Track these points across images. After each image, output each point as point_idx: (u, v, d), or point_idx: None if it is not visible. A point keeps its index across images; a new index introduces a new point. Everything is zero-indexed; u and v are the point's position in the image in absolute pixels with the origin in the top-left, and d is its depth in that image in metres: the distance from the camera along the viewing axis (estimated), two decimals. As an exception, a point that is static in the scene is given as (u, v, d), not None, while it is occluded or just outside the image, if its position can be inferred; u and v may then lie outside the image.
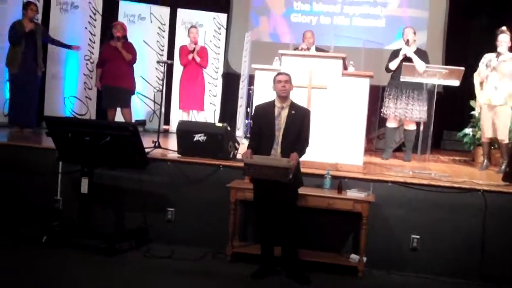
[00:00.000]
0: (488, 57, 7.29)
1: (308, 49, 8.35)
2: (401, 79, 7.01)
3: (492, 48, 7.30)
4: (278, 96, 5.31)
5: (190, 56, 8.91)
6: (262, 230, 5.39)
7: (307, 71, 6.15)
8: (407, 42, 7.76)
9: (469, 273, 5.66)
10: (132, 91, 8.61)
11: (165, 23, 10.37)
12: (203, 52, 9.08)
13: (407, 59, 7.60)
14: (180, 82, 9.20)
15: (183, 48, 9.10)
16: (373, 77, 6.48)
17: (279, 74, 5.39)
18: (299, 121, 5.25)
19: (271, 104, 5.35)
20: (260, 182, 5.22)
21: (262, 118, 5.32)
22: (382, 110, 7.81)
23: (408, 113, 7.75)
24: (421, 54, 7.70)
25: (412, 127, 7.95)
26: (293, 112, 5.27)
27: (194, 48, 8.93)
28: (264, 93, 6.34)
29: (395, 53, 7.87)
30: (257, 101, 6.41)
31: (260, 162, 5.09)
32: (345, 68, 6.48)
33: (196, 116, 9.42)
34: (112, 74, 8.31)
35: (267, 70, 6.52)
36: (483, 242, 5.66)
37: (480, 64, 7.34)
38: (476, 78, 7.37)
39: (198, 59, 8.91)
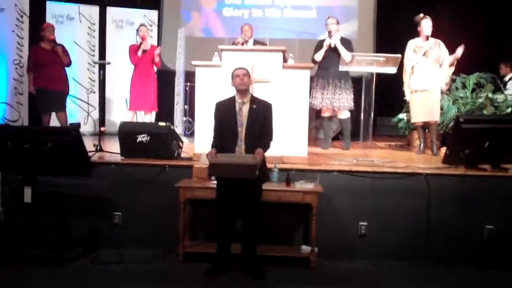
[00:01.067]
0: (413, 43, 7.53)
1: (245, 42, 8.36)
2: (340, 69, 7.11)
3: (417, 34, 7.53)
4: (238, 91, 5.27)
5: (139, 53, 8.64)
6: (221, 228, 5.32)
7: (249, 65, 6.14)
8: (329, 33, 7.87)
9: (416, 256, 5.81)
10: (67, 93, 8.38)
11: (94, 22, 10.19)
12: (156, 51, 8.84)
13: (333, 49, 7.73)
14: (131, 82, 8.88)
15: (132, 47, 8.81)
16: (313, 68, 6.55)
17: (236, 69, 5.34)
18: (262, 115, 5.22)
19: (232, 100, 5.30)
20: (225, 180, 5.17)
21: (223, 114, 5.26)
22: (310, 100, 7.92)
23: (336, 102, 7.88)
24: (345, 43, 7.84)
25: (346, 115, 8.09)
26: (254, 106, 5.23)
27: (141, 44, 8.70)
28: (206, 89, 6.32)
29: (320, 44, 7.98)
30: (200, 97, 6.39)
31: (226, 161, 5.04)
32: (285, 60, 6.52)
33: (141, 118, 9.24)
34: (47, 77, 8.04)
35: (207, 66, 6.49)
36: (429, 225, 5.83)
37: (408, 50, 7.55)
38: (408, 64, 7.57)
39: (157, 58, 8.71)
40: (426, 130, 7.94)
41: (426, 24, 7.42)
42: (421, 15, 7.49)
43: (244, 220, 5.31)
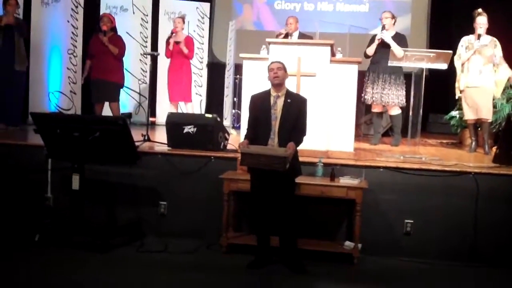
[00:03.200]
0: (466, 40, 7.38)
1: (288, 34, 8.31)
2: (389, 64, 7.00)
3: (472, 30, 7.36)
4: (272, 85, 5.28)
5: (170, 47, 8.74)
6: (258, 221, 5.36)
7: (296, 58, 6.12)
8: (383, 27, 7.77)
9: (462, 256, 5.71)
10: (121, 84, 8.52)
11: (147, 13, 10.28)
12: (188, 43, 8.89)
13: (385, 44, 7.62)
14: (167, 74, 9.06)
15: (167, 41, 8.94)
16: (362, 62, 6.48)
17: (272, 62, 5.34)
18: (296, 109, 5.21)
19: (267, 93, 5.30)
20: (257, 172, 5.18)
21: (258, 107, 5.27)
22: (362, 95, 7.83)
23: (385, 98, 7.78)
24: (400, 38, 7.72)
25: (396, 111, 7.97)
26: (289, 100, 5.23)
27: (170, 37, 8.75)
28: (252, 82, 6.32)
29: (373, 39, 7.90)
30: (246, 90, 6.40)
31: (257, 151, 5.05)
32: (333, 54, 6.46)
33: (183, 108, 9.33)
34: (100, 68, 8.21)
35: (254, 59, 6.49)
36: (475, 224, 5.70)
37: (460, 47, 7.40)
38: (457, 61, 7.43)
39: (185, 50, 8.76)
40: (479, 129, 7.76)
41: (480, 22, 7.23)
42: (479, 10, 7.29)
43: (279, 214, 5.30)
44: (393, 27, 7.88)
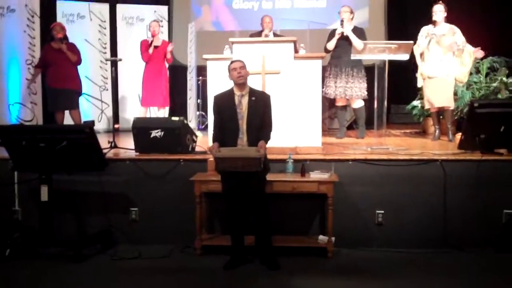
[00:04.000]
0: (426, 30, 7.50)
1: (262, 33, 8.34)
2: (352, 58, 7.07)
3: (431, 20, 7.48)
4: (236, 84, 5.27)
5: (150, 50, 8.71)
6: (232, 221, 5.36)
7: (260, 57, 6.13)
8: (341, 22, 7.83)
9: (434, 242, 5.80)
10: (79, 92, 8.41)
11: (105, 20, 10.18)
12: (167, 47, 8.85)
13: (345, 38, 7.69)
14: (143, 79, 8.95)
15: (143, 43, 8.88)
16: (324, 57, 6.52)
17: (232, 62, 5.35)
18: (261, 106, 5.23)
19: (230, 93, 5.30)
20: (228, 174, 5.18)
21: (223, 108, 5.27)
22: (323, 90, 7.88)
23: (348, 91, 7.86)
24: (359, 32, 7.81)
25: (360, 104, 8.06)
26: (253, 98, 5.24)
27: (152, 41, 8.74)
28: (218, 83, 6.31)
29: (332, 33, 7.96)
30: (212, 91, 6.37)
31: (230, 155, 5.04)
32: (296, 51, 6.49)
33: (155, 113, 9.26)
34: (57, 76, 8.06)
35: (218, 59, 6.48)
36: (445, 211, 5.81)
37: (419, 37, 7.52)
38: (416, 50, 7.53)
39: (169, 55, 8.75)
40: (441, 117, 7.88)
41: (436, 9, 7.37)
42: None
43: (253, 212, 5.31)
44: (352, 21, 7.96)
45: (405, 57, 6.56)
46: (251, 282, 5.06)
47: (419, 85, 7.82)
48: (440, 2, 7.42)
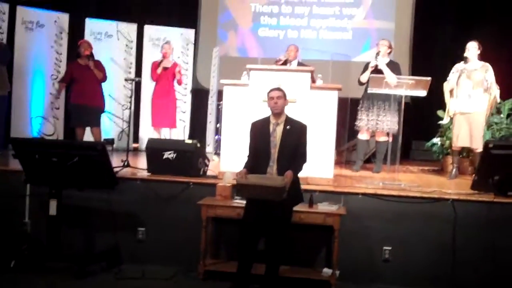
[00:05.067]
0: (457, 66, 7.40)
1: (287, 61, 8.36)
2: (369, 91, 7.05)
3: (459, 57, 7.41)
4: (272, 113, 5.28)
5: (159, 70, 8.84)
6: (244, 247, 5.23)
7: (276, 85, 6.13)
8: (377, 54, 7.79)
9: (441, 283, 5.70)
10: (102, 109, 8.52)
11: (132, 40, 10.31)
12: (180, 70, 9.00)
13: (378, 71, 7.65)
14: (152, 99, 9.11)
15: (153, 64, 9.02)
16: (341, 89, 6.51)
17: (271, 90, 5.35)
18: (295, 136, 5.21)
19: (266, 120, 5.30)
20: (254, 200, 5.12)
21: (258, 135, 5.26)
22: (356, 123, 7.83)
23: (380, 125, 7.78)
24: (394, 66, 7.72)
25: (384, 138, 7.96)
26: (288, 127, 5.22)
27: (161, 61, 8.86)
28: (233, 108, 6.34)
29: (367, 66, 7.90)
30: (226, 116, 6.42)
31: (254, 182, 5.01)
32: (313, 81, 6.50)
33: (167, 134, 9.33)
34: (82, 93, 8.20)
35: (235, 85, 6.51)
36: (454, 251, 5.70)
37: (451, 73, 7.43)
38: (446, 86, 7.46)
39: (178, 76, 8.89)
40: (460, 156, 7.79)
41: (470, 46, 7.28)
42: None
43: (269, 240, 5.24)
44: (388, 55, 7.91)
45: (422, 93, 6.52)
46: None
47: (444, 122, 7.74)
48: (474, 40, 7.36)
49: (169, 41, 9.29)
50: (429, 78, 6.61)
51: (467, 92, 7.30)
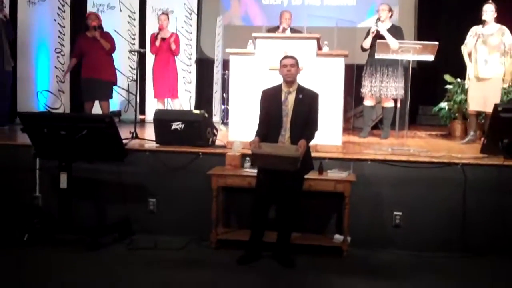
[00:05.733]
0: (474, 29, 7.31)
1: (284, 29, 8.30)
2: (376, 57, 7.00)
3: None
4: (284, 81, 5.25)
5: (157, 43, 8.77)
6: (257, 215, 5.28)
7: (282, 53, 6.09)
8: (378, 19, 7.75)
9: (451, 246, 5.71)
10: (114, 82, 8.53)
11: (135, 11, 10.25)
12: (176, 39, 8.90)
13: (380, 36, 7.60)
14: (152, 71, 9.09)
15: (152, 37, 8.97)
16: (348, 55, 6.47)
17: (284, 57, 5.31)
18: (307, 105, 5.19)
19: (278, 89, 5.27)
20: (266, 170, 5.13)
21: (269, 103, 5.24)
22: (361, 89, 7.80)
23: (383, 90, 7.76)
24: (396, 30, 7.69)
25: (390, 104, 7.95)
26: (300, 96, 5.20)
27: (158, 34, 8.78)
28: (240, 78, 6.31)
29: (369, 32, 7.86)
30: (233, 85, 6.39)
31: (268, 152, 5.01)
32: (319, 48, 6.46)
33: (171, 104, 9.32)
34: (92, 66, 8.17)
35: (241, 54, 6.47)
36: (464, 215, 5.72)
37: (468, 36, 7.36)
38: (464, 50, 7.42)
39: (173, 46, 8.78)
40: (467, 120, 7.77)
41: (486, 9, 7.16)
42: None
43: (281, 208, 5.28)
44: (389, 19, 7.86)
45: (430, 58, 6.47)
46: (265, 278, 5.07)
47: (466, 86, 7.70)
48: (490, 1, 7.25)
49: (166, 12, 9.19)
50: (436, 43, 6.55)
51: (483, 57, 7.23)
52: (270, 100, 5.24)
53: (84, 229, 5.82)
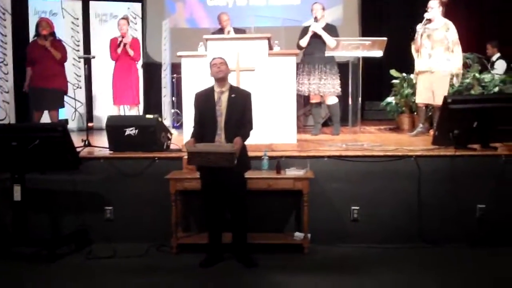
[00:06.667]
0: (420, 25, 7.43)
1: (223, 30, 8.33)
2: (326, 55, 7.09)
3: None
4: (216, 80, 5.26)
5: (119, 50, 8.61)
6: (210, 218, 5.35)
7: (234, 54, 6.11)
8: (315, 19, 7.86)
9: (409, 238, 5.82)
10: (64, 91, 8.30)
11: (78, 17, 10.07)
12: (134, 45, 8.76)
13: (318, 35, 7.71)
14: (112, 77, 8.87)
15: (112, 41, 8.75)
16: (298, 54, 6.53)
17: (213, 58, 5.34)
18: (241, 104, 5.22)
19: (211, 90, 5.29)
20: (206, 170, 5.18)
21: (203, 104, 5.26)
22: (297, 87, 7.86)
23: (322, 88, 7.88)
24: (331, 29, 7.82)
25: (333, 100, 8.08)
26: (233, 95, 5.22)
27: (121, 41, 8.64)
28: (192, 80, 6.29)
29: (305, 30, 7.98)
30: (187, 88, 6.37)
31: (204, 149, 5.04)
32: (270, 48, 6.50)
33: (127, 112, 9.17)
34: (42, 75, 7.93)
35: (193, 56, 6.46)
36: (420, 206, 5.85)
37: (416, 33, 7.47)
38: (412, 46, 7.54)
39: (131, 52, 8.62)
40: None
41: (430, 5, 7.34)
42: None
43: (230, 210, 5.32)
44: (323, 18, 7.98)
45: (379, 53, 6.59)
46: (228, 280, 5.06)
47: (414, 80, 7.84)
48: None
49: (125, 17, 9.05)
50: (384, 39, 6.68)
51: (427, 52, 7.39)
52: (204, 102, 5.28)
53: (40, 241, 5.70)
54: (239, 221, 5.29)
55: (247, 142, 5.36)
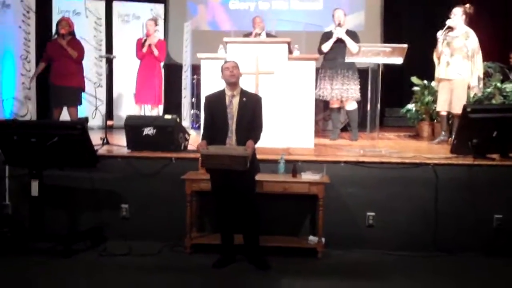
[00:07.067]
0: (440, 34, 7.39)
1: (258, 35, 8.34)
2: (346, 60, 7.06)
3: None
4: (228, 84, 5.28)
5: (144, 49, 8.73)
6: (222, 219, 5.37)
7: (254, 57, 6.13)
8: (338, 24, 7.84)
9: (424, 245, 5.78)
10: (82, 88, 8.40)
11: (101, 17, 10.15)
12: (160, 46, 8.87)
13: (340, 40, 7.71)
14: (136, 76, 8.99)
15: (138, 42, 8.91)
16: (318, 59, 6.53)
17: (225, 62, 5.37)
18: (251, 108, 5.23)
19: (222, 93, 5.31)
20: (217, 172, 5.19)
21: (214, 107, 5.28)
22: (316, 92, 7.83)
23: (344, 93, 7.86)
24: (352, 35, 7.81)
25: (353, 106, 8.07)
26: (244, 99, 5.25)
27: (145, 40, 8.74)
28: (211, 82, 6.32)
29: (326, 35, 7.95)
30: (205, 90, 6.38)
31: (217, 152, 5.05)
32: (290, 52, 6.50)
33: (148, 111, 9.24)
34: (60, 73, 8.05)
35: (212, 58, 6.49)
36: (436, 214, 5.80)
37: (438, 41, 7.43)
38: (434, 53, 7.50)
39: (156, 51, 8.73)
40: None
41: (454, 12, 7.31)
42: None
43: (241, 212, 5.32)
44: (345, 24, 7.96)
45: (399, 60, 6.55)
46: (240, 281, 5.07)
47: (435, 88, 7.81)
48: (461, 5, 7.35)
49: (154, 18, 9.14)
50: (405, 45, 6.62)
51: (446, 59, 7.35)
52: (215, 105, 5.30)
53: (56, 237, 5.74)
54: (249, 222, 5.29)
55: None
